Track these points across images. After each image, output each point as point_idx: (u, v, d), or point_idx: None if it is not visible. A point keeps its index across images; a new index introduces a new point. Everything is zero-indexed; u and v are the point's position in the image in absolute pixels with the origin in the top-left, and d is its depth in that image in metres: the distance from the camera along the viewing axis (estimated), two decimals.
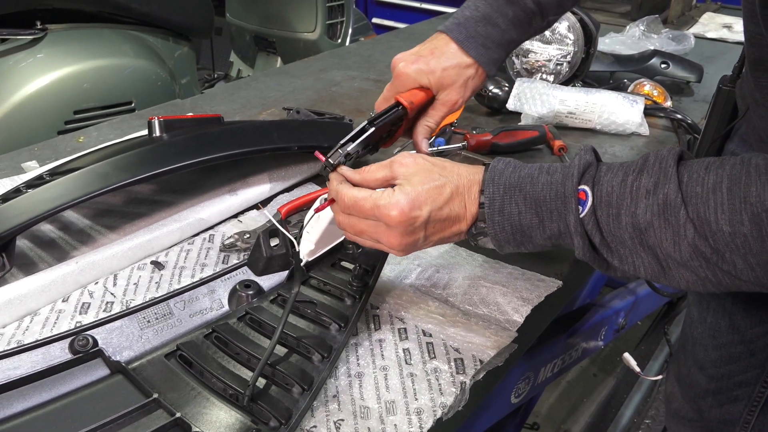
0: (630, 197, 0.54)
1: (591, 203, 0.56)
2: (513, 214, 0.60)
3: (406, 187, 0.62)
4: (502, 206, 0.60)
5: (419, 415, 0.67)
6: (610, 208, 0.55)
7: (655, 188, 0.53)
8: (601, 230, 0.56)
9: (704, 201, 0.51)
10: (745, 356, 0.79)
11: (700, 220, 0.51)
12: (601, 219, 0.55)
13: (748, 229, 0.49)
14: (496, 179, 0.61)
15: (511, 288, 0.84)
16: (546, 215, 0.59)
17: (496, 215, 0.61)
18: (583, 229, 0.56)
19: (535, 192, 0.59)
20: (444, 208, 0.62)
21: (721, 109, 0.93)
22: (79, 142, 1.22)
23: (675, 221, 0.52)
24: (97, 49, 1.74)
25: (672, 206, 0.52)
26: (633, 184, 0.54)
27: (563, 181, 0.58)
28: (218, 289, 0.80)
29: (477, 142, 1.20)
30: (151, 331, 0.73)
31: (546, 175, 0.60)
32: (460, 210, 0.63)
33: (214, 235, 0.95)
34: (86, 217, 0.96)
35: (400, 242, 0.63)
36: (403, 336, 0.77)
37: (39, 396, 0.64)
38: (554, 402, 2.05)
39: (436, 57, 0.82)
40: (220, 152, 0.95)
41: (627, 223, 0.54)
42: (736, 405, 0.81)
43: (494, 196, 0.61)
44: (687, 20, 2.21)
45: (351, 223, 0.66)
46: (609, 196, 0.55)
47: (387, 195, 0.62)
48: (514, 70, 1.50)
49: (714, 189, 0.51)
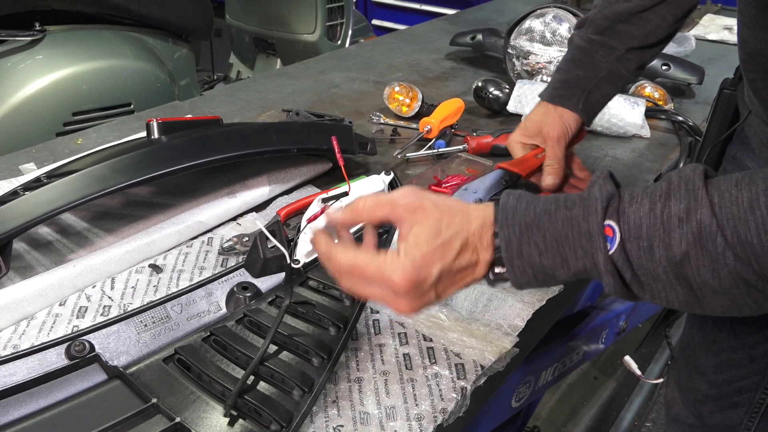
0: (662, 228, 0.50)
1: (619, 239, 0.51)
2: (533, 256, 0.55)
3: (410, 249, 0.56)
4: (520, 249, 0.55)
5: (420, 421, 0.66)
6: (640, 240, 0.51)
7: (687, 215, 0.49)
8: (632, 265, 0.52)
9: (743, 222, 0.47)
10: (745, 362, 0.79)
11: (742, 243, 0.47)
12: (632, 253, 0.51)
13: None
14: (509, 219, 0.56)
15: (512, 292, 0.84)
16: (570, 254, 0.54)
17: (515, 259, 0.55)
18: (613, 266, 0.52)
19: (555, 230, 0.54)
20: (455, 263, 0.57)
21: (723, 113, 0.93)
22: (78, 144, 1.22)
23: (713, 248, 0.48)
24: (96, 51, 1.74)
25: (708, 233, 0.48)
26: (663, 213, 0.50)
27: (586, 217, 0.53)
28: (216, 291, 0.79)
29: (477, 145, 1.20)
30: (149, 335, 0.72)
31: (564, 209, 0.54)
32: (473, 259, 0.57)
33: (212, 238, 0.95)
34: (84, 219, 0.96)
35: (411, 306, 0.58)
36: (403, 341, 0.76)
37: (36, 403, 0.63)
38: (555, 405, 2.05)
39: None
40: (219, 154, 0.94)
41: (661, 256, 0.50)
42: (737, 411, 0.80)
43: (510, 238, 0.55)
44: (688, 22, 2.20)
45: (353, 286, 0.60)
46: (638, 229, 0.51)
47: (391, 260, 0.56)
48: (515, 72, 1.49)
49: (752, 208, 0.47)
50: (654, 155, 1.27)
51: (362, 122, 1.35)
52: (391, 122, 1.35)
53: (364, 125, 1.34)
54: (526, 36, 1.45)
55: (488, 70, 1.68)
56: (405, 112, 1.37)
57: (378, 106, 1.41)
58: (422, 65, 1.73)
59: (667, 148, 1.30)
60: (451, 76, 1.66)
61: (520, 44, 1.46)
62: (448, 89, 1.56)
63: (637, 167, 1.22)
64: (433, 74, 1.67)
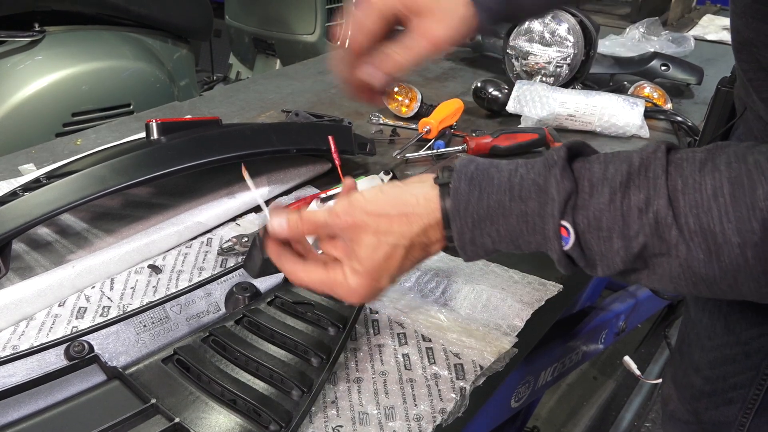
0: (622, 219, 0.49)
1: (574, 239, 0.51)
2: (487, 245, 0.55)
3: (355, 267, 0.57)
4: (473, 239, 0.55)
5: (419, 422, 0.66)
6: (600, 231, 0.50)
7: (646, 206, 0.48)
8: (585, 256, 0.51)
9: (707, 210, 0.46)
10: (740, 358, 0.79)
11: (704, 232, 0.46)
12: (591, 243, 0.51)
13: (759, 237, 0.45)
14: (461, 212, 0.54)
15: (512, 292, 0.84)
16: (524, 245, 0.54)
17: (468, 246, 0.55)
18: (567, 260, 0.52)
19: (509, 225, 0.53)
20: (403, 265, 0.58)
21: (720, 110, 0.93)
22: (77, 144, 1.22)
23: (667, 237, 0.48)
24: (95, 51, 1.74)
25: (663, 224, 0.47)
26: (623, 204, 0.49)
27: (541, 215, 0.52)
28: (215, 292, 0.79)
29: (477, 145, 1.20)
30: (148, 335, 0.72)
31: (519, 202, 0.53)
32: (421, 255, 0.59)
33: (212, 239, 0.95)
34: (83, 220, 0.96)
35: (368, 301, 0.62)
36: (402, 341, 0.76)
37: (35, 404, 0.63)
38: (554, 405, 2.05)
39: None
40: (219, 155, 0.94)
41: (619, 247, 0.50)
42: (731, 407, 0.80)
43: (463, 230, 0.55)
44: (687, 22, 2.21)
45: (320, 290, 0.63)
46: (598, 221, 0.50)
47: (340, 280, 0.59)
48: (514, 72, 1.50)
49: (715, 195, 0.46)
50: None
51: (361, 123, 1.35)
52: (391, 123, 1.35)
53: (364, 126, 1.34)
54: (525, 36, 1.45)
55: (487, 71, 1.68)
56: (404, 113, 1.37)
57: (377, 107, 1.41)
58: (421, 65, 1.73)
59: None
60: (450, 77, 1.66)
61: (519, 45, 1.46)
62: (448, 90, 1.56)
63: None
64: (432, 75, 1.67)
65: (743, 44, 0.63)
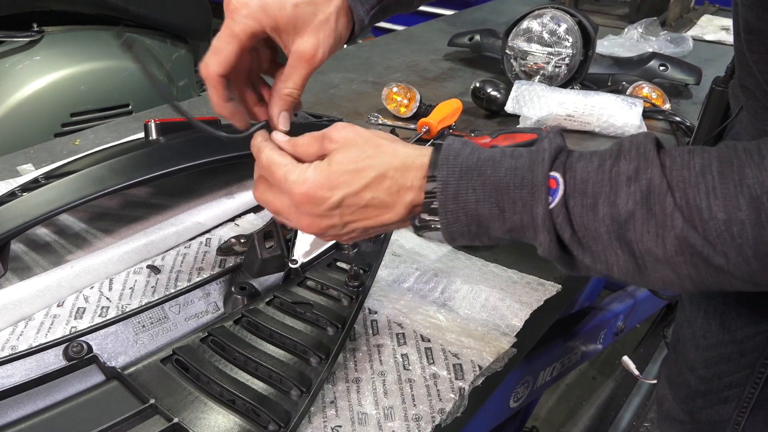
0: (609, 185, 0.48)
1: (562, 192, 0.49)
2: (470, 202, 0.52)
3: (321, 166, 0.55)
4: (457, 192, 0.52)
5: (418, 422, 0.66)
6: (585, 197, 0.48)
7: (636, 174, 0.47)
8: (572, 224, 0.49)
9: (694, 185, 0.45)
10: (735, 357, 0.79)
11: (690, 207, 0.45)
12: (574, 210, 0.49)
13: (745, 214, 0.44)
14: (450, 160, 0.53)
15: (510, 292, 0.84)
16: (508, 205, 0.51)
17: (450, 202, 0.52)
18: (551, 222, 0.50)
19: (497, 177, 0.51)
20: (363, 194, 0.55)
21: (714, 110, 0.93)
22: (76, 144, 1.22)
23: (660, 210, 0.46)
24: (94, 52, 1.74)
25: (657, 193, 0.46)
26: (612, 170, 0.48)
27: (531, 167, 0.50)
28: (213, 291, 0.79)
29: None
30: (147, 335, 0.72)
31: (510, 158, 0.52)
32: (387, 197, 0.55)
33: (210, 239, 0.95)
34: (82, 220, 0.96)
35: (311, 224, 0.57)
36: (401, 341, 0.76)
37: (34, 404, 0.63)
38: (553, 405, 2.05)
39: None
40: (218, 155, 0.94)
41: (605, 214, 0.48)
42: (726, 406, 0.80)
43: (448, 179, 0.52)
44: (685, 23, 2.21)
45: (266, 199, 0.60)
46: (584, 184, 0.49)
47: (300, 170, 0.56)
48: (513, 72, 1.50)
49: (703, 172, 0.46)
50: None
51: (360, 123, 1.35)
52: (389, 123, 1.35)
53: (362, 126, 1.34)
54: (524, 37, 1.45)
55: (486, 71, 1.68)
56: (403, 113, 1.37)
57: (376, 107, 1.41)
58: (420, 66, 1.73)
59: None
60: (449, 77, 1.66)
61: (518, 45, 1.46)
62: (446, 90, 1.57)
63: None
64: (431, 75, 1.67)
65: (754, 36, 0.63)
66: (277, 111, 0.65)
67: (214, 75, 0.62)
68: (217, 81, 0.63)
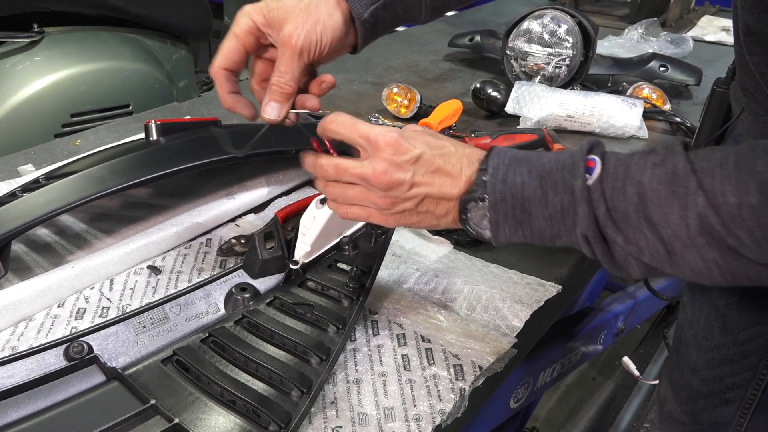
0: (636, 169, 0.53)
1: (599, 172, 0.54)
2: (516, 184, 0.57)
3: (403, 132, 0.62)
4: (505, 175, 0.57)
5: (418, 422, 0.66)
6: (616, 181, 0.53)
7: (663, 161, 0.52)
8: (606, 202, 0.53)
9: (710, 174, 0.49)
10: (737, 358, 0.79)
11: (706, 191, 0.49)
12: (607, 191, 0.53)
13: (755, 199, 0.47)
14: (501, 153, 0.59)
15: (511, 293, 0.84)
16: (550, 187, 0.56)
17: (499, 184, 0.57)
18: (589, 196, 0.54)
19: (542, 164, 0.57)
20: (437, 158, 0.60)
21: (715, 111, 0.93)
22: (76, 145, 1.22)
23: (683, 191, 0.50)
24: (94, 52, 1.74)
25: (681, 176, 0.50)
26: (641, 160, 0.53)
27: (571, 155, 0.57)
28: (214, 292, 0.79)
29: (476, 146, 1.19)
30: (147, 336, 0.72)
31: (554, 156, 0.59)
32: (455, 169, 0.60)
33: (211, 240, 0.95)
34: (82, 221, 0.96)
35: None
36: (401, 342, 0.76)
37: (34, 404, 0.63)
38: (553, 406, 2.05)
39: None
40: (218, 156, 0.94)
41: (632, 192, 0.52)
42: (728, 407, 0.80)
43: (498, 166, 0.58)
44: (685, 23, 2.21)
45: (339, 192, 0.64)
46: (615, 170, 0.54)
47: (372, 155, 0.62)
48: (513, 73, 1.50)
49: (721, 163, 0.50)
50: None
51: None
52: (390, 123, 1.35)
53: None
54: (524, 37, 1.45)
55: (486, 72, 1.69)
56: (403, 114, 1.37)
57: (376, 107, 1.41)
58: (420, 66, 1.73)
59: None
60: (449, 78, 1.66)
61: (519, 45, 1.46)
62: (447, 90, 1.57)
63: None
64: (431, 75, 1.67)
65: (754, 38, 0.63)
66: (267, 100, 0.68)
67: (217, 68, 0.70)
68: (220, 74, 0.70)
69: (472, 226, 0.60)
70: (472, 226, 0.60)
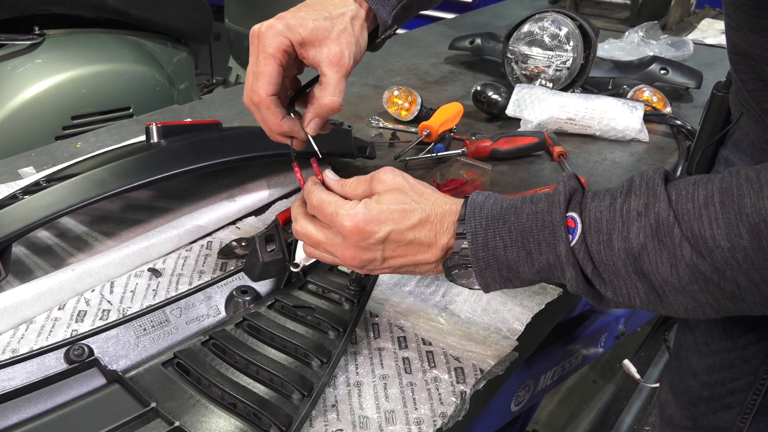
0: (621, 221, 0.51)
1: (581, 230, 0.53)
2: (498, 249, 0.56)
3: (371, 203, 0.60)
4: (486, 241, 0.57)
5: (419, 425, 0.66)
6: (600, 234, 0.52)
7: (645, 209, 0.50)
8: (592, 259, 0.53)
9: (697, 217, 0.48)
10: (738, 363, 0.79)
11: (695, 237, 0.48)
12: (592, 246, 0.53)
13: (747, 242, 0.46)
14: (477, 212, 0.57)
15: (511, 296, 0.84)
16: (534, 247, 0.55)
17: (480, 251, 0.57)
18: (574, 258, 0.53)
19: (520, 223, 0.56)
20: (407, 233, 0.59)
21: (715, 115, 0.93)
22: (77, 147, 1.22)
23: (670, 241, 0.49)
24: (95, 55, 1.74)
25: (665, 225, 0.49)
26: (622, 207, 0.52)
27: (549, 210, 0.55)
28: (215, 295, 0.79)
29: (476, 148, 1.20)
30: (148, 339, 0.72)
31: (530, 204, 0.57)
32: (428, 239, 0.59)
33: (212, 242, 0.95)
34: (83, 223, 0.96)
35: (354, 256, 0.61)
36: (402, 345, 0.76)
37: (35, 407, 0.63)
38: (554, 409, 2.04)
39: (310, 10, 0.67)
40: (219, 158, 0.94)
41: (620, 248, 0.51)
42: (729, 412, 0.80)
43: (477, 230, 0.57)
44: (686, 26, 2.22)
45: (307, 232, 0.64)
46: (598, 222, 0.52)
47: (350, 205, 0.60)
48: (514, 75, 1.50)
49: (706, 204, 0.48)
50: (653, 159, 1.27)
51: (361, 126, 1.35)
52: (390, 126, 1.35)
53: (363, 129, 1.34)
54: (524, 40, 1.45)
55: (487, 74, 1.69)
56: (404, 116, 1.37)
57: (377, 110, 1.41)
58: (421, 69, 1.73)
59: (665, 152, 1.30)
60: (450, 80, 1.66)
61: (519, 48, 1.46)
62: (447, 93, 1.57)
63: (635, 171, 1.22)
64: (432, 78, 1.67)
65: (741, 57, 0.64)
66: (311, 116, 0.70)
67: (265, 96, 0.66)
68: (269, 102, 0.67)
69: (461, 283, 0.61)
70: (461, 283, 0.61)
